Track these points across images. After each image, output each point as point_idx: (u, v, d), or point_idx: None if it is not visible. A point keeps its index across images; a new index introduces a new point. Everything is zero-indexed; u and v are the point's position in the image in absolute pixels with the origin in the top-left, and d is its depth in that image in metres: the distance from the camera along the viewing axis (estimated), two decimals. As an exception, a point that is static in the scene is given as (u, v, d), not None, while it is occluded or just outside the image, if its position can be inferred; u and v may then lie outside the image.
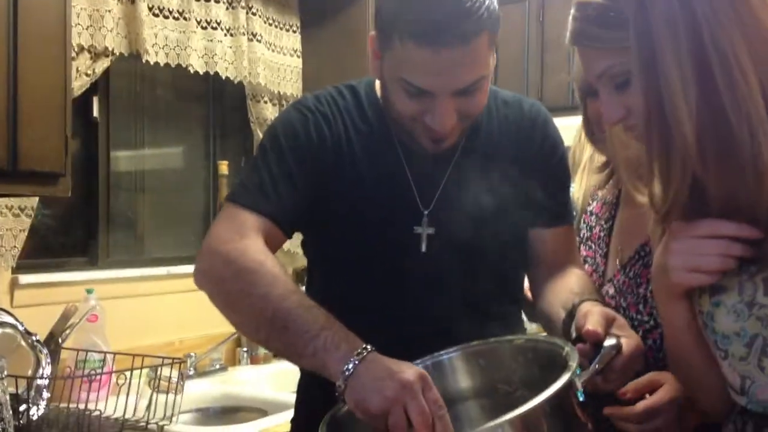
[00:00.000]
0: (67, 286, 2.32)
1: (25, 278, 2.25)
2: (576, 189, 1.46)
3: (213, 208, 2.93)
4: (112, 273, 2.50)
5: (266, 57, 2.91)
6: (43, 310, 2.13)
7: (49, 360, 1.87)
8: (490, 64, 1.16)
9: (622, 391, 1.09)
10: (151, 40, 2.48)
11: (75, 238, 2.57)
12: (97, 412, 1.75)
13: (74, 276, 2.38)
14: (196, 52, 2.64)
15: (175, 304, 2.53)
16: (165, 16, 2.55)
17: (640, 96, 0.88)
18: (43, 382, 1.80)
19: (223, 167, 2.85)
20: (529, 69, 2.93)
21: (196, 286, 1.16)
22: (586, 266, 1.39)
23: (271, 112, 2.94)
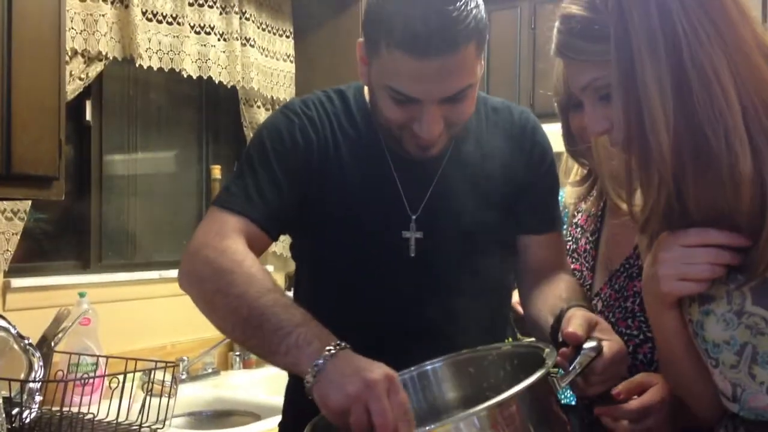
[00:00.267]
0: (60, 290, 2.32)
1: (18, 282, 2.24)
2: (567, 196, 1.47)
3: (206, 212, 2.93)
4: (105, 277, 2.50)
5: (259, 62, 2.92)
6: (36, 314, 2.12)
7: (41, 363, 1.87)
8: (478, 72, 1.16)
9: (614, 392, 1.09)
10: (144, 44, 2.48)
11: (67, 241, 2.57)
12: (90, 415, 1.74)
13: (66, 279, 2.38)
14: (190, 57, 2.64)
15: (167, 308, 2.53)
16: (159, 21, 2.55)
17: (620, 108, 0.89)
18: (36, 385, 1.80)
19: (216, 171, 2.85)
20: (520, 76, 2.95)
21: (180, 288, 1.17)
22: None
23: (264, 117, 2.95)
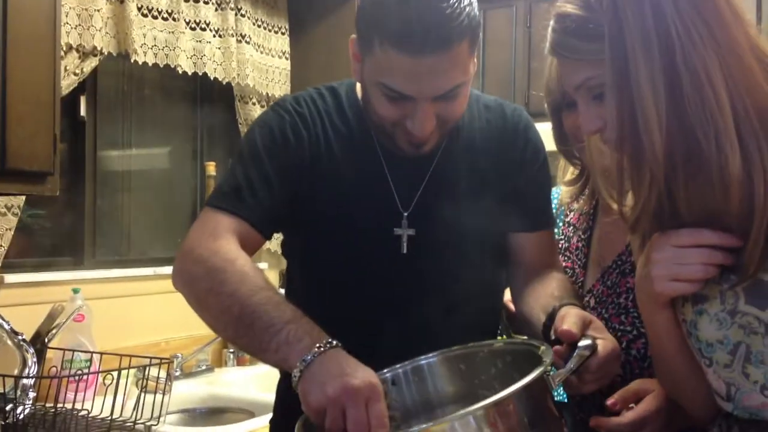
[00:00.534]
0: (54, 286, 2.31)
1: (11, 277, 2.24)
2: (561, 195, 1.47)
3: (200, 208, 2.92)
4: (99, 273, 2.49)
5: (255, 58, 2.91)
6: (29, 310, 2.11)
7: (35, 359, 1.86)
8: (471, 70, 1.16)
9: (610, 402, 1.10)
10: (139, 40, 2.47)
11: (61, 237, 2.56)
12: (84, 411, 1.74)
13: (60, 275, 2.37)
14: (185, 53, 2.64)
15: (161, 305, 2.52)
16: (154, 17, 2.55)
17: (613, 107, 0.89)
18: (30, 381, 1.79)
19: (211, 168, 2.85)
20: (515, 74, 2.95)
21: (174, 287, 1.17)
22: None
23: (259, 114, 2.94)
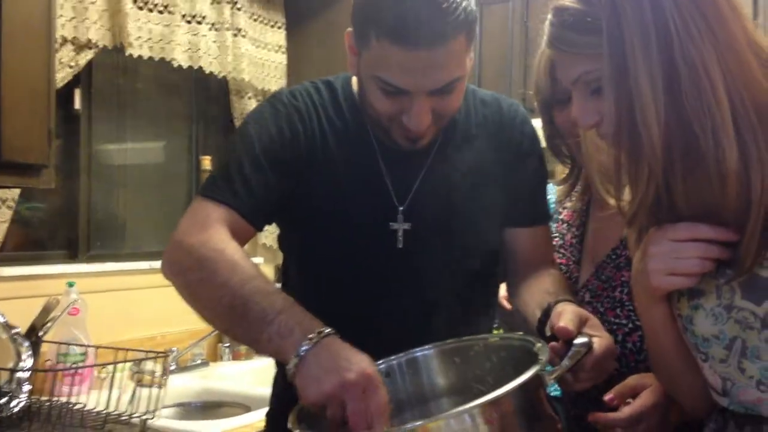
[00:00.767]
0: (48, 279, 2.30)
1: (5, 270, 2.23)
2: (555, 193, 1.48)
3: (195, 203, 2.92)
4: (93, 267, 2.49)
5: (251, 53, 2.91)
6: (24, 303, 2.11)
7: (30, 353, 1.86)
8: (467, 65, 1.16)
9: (607, 398, 1.10)
10: (135, 33, 2.46)
11: (56, 231, 2.55)
12: (80, 405, 1.74)
13: (55, 269, 2.36)
14: (180, 47, 2.63)
15: (156, 299, 2.51)
16: (149, 10, 2.54)
17: (611, 101, 0.89)
18: (24, 374, 1.79)
19: (206, 162, 2.85)
20: (512, 69, 2.95)
21: (164, 277, 1.17)
22: None
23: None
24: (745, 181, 0.87)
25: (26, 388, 1.80)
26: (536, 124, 1.36)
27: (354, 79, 1.28)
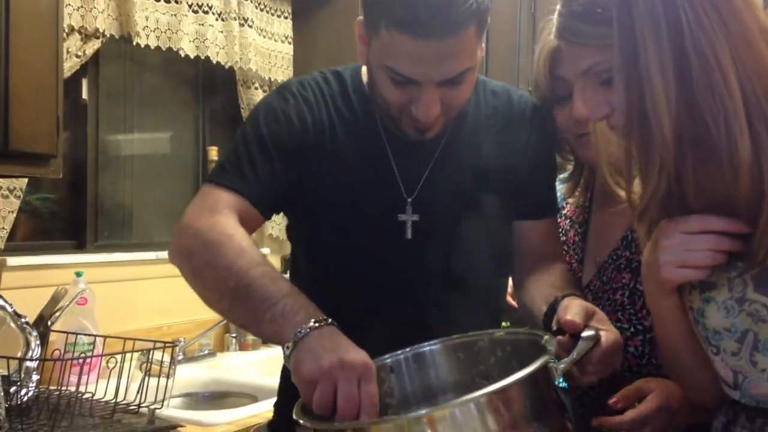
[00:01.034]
0: (56, 269, 2.31)
1: (14, 260, 2.23)
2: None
3: (202, 192, 2.92)
4: (101, 257, 2.50)
5: (257, 43, 2.90)
6: (32, 293, 2.11)
7: (38, 342, 1.86)
8: (478, 56, 1.15)
9: (612, 401, 1.10)
10: (142, 22, 2.46)
11: (63, 220, 2.56)
12: (89, 394, 1.74)
13: (63, 259, 2.37)
14: (188, 36, 2.62)
15: (163, 289, 2.52)
16: (156, -1, 2.53)
17: (622, 92, 0.89)
18: (33, 364, 1.80)
19: (213, 153, 2.84)
20: (520, 60, 2.94)
21: (170, 262, 1.17)
22: None
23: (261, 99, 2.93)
24: (757, 173, 0.86)
25: (35, 377, 1.81)
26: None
27: (363, 69, 1.27)
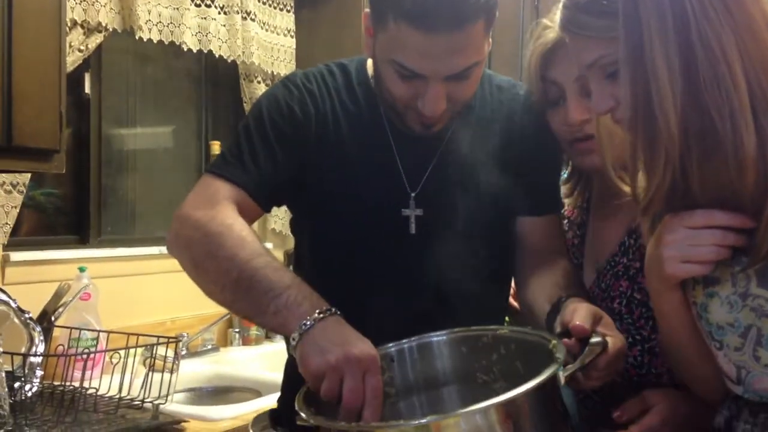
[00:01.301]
0: (59, 264, 2.31)
1: (17, 255, 2.24)
2: None
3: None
4: (104, 252, 2.49)
5: (260, 36, 2.89)
6: (35, 288, 2.12)
7: (42, 338, 1.87)
8: (485, 51, 1.15)
9: (615, 414, 1.09)
10: (144, 16, 2.45)
11: (66, 215, 2.56)
12: (92, 390, 1.75)
13: (66, 254, 2.37)
14: (190, 30, 2.62)
15: (166, 284, 2.52)
16: (159, -7, 2.53)
17: (627, 85, 0.88)
18: (37, 359, 1.80)
19: (216, 147, 2.84)
20: (523, 55, 2.92)
21: (168, 252, 1.17)
22: None
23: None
24: (762, 167, 0.86)
25: (39, 373, 1.82)
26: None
27: (369, 62, 1.27)
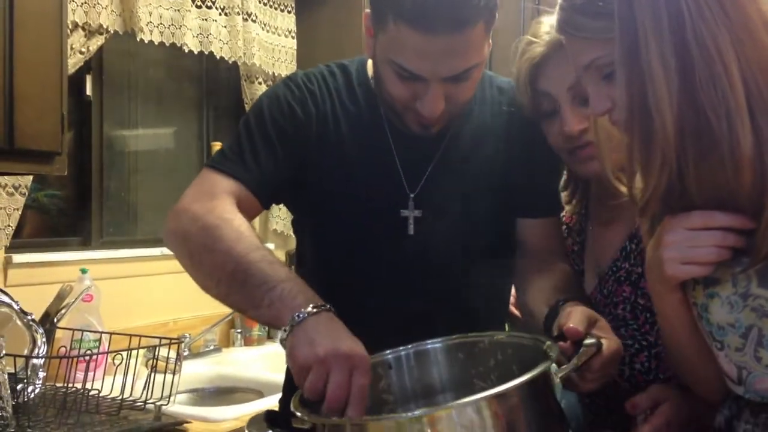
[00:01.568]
0: (61, 266, 2.31)
1: (19, 257, 2.24)
2: None
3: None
4: (106, 253, 2.50)
5: (261, 37, 2.89)
6: (37, 290, 2.12)
7: (44, 339, 1.87)
8: (485, 52, 1.15)
9: (629, 405, 1.09)
10: (145, 18, 2.46)
11: (68, 217, 2.56)
12: (95, 391, 1.75)
13: (67, 256, 2.37)
14: (191, 32, 2.62)
15: (168, 285, 2.53)
16: (160, -5, 2.53)
17: (623, 86, 0.88)
18: (39, 361, 1.80)
19: (217, 148, 2.82)
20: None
21: (165, 245, 1.17)
22: None
23: (265, 93, 2.93)
24: (759, 167, 0.86)
25: (41, 374, 1.82)
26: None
27: (369, 63, 1.27)
